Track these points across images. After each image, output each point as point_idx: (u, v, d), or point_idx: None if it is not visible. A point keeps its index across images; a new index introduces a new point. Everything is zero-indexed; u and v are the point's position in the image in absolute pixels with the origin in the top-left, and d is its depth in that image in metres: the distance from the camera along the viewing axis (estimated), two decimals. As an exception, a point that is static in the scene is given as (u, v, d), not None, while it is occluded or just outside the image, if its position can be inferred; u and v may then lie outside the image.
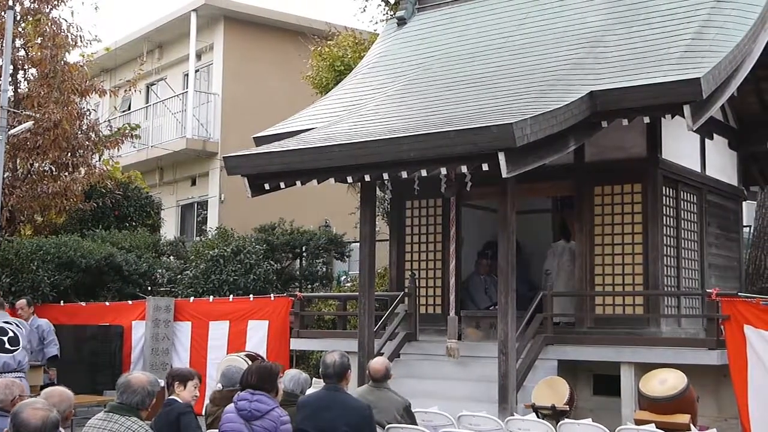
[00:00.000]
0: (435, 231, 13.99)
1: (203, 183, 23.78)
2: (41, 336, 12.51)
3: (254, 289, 15.96)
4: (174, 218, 24.40)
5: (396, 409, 7.79)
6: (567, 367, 11.63)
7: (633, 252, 12.22)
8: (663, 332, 11.95)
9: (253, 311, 14.08)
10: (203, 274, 16.50)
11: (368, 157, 10.45)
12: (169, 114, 24.40)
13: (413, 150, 10.03)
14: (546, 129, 9.81)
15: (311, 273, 18.98)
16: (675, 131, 12.31)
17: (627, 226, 12.31)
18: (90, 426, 5.63)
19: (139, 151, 24.09)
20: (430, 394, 11.11)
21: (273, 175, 11.38)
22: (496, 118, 9.87)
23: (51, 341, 12.52)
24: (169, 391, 7.15)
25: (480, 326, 13.00)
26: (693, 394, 8.77)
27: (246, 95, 23.32)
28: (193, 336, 14.31)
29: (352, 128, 11.69)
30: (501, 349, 10.45)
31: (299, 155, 11.05)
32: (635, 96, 10.55)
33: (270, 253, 17.94)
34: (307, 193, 18.55)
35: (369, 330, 11.69)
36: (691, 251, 13.06)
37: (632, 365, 11.03)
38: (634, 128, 11.80)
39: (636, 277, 12.18)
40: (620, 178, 12.39)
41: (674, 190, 12.71)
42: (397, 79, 13.89)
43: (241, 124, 21.62)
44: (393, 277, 14.32)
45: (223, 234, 18.67)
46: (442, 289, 13.57)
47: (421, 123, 10.81)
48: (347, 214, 18.78)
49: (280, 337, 13.77)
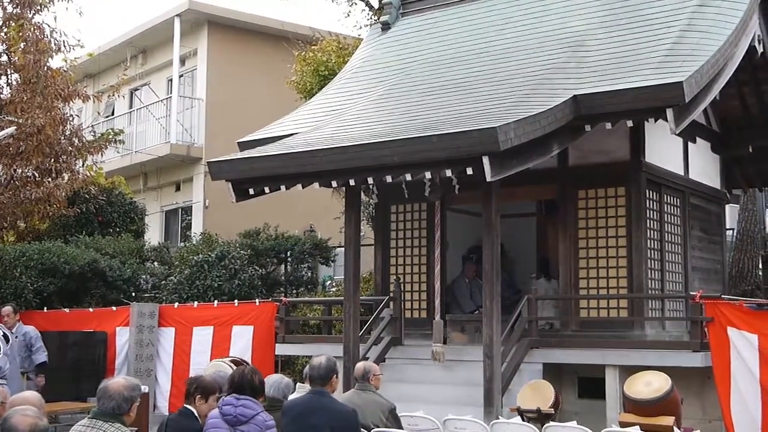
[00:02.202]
0: (420, 235, 14.00)
1: (187, 188, 23.72)
2: (28, 343, 12.46)
3: (239, 295, 15.92)
4: (158, 224, 24.33)
5: (381, 412, 7.79)
6: (552, 370, 11.65)
7: (617, 255, 12.25)
8: (647, 335, 11.99)
9: (237, 317, 14.05)
10: (187, 280, 16.45)
11: (352, 162, 10.45)
12: (153, 119, 24.33)
13: (397, 154, 10.03)
14: (530, 133, 9.84)
15: (296, 278, 18.95)
16: (658, 135, 12.36)
17: (611, 229, 12.34)
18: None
19: (123, 157, 24.01)
20: (416, 399, 11.09)
21: (257, 180, 11.36)
22: (479, 122, 9.88)
23: (39, 348, 12.46)
24: (188, 399, 6.77)
25: (465, 330, 13.01)
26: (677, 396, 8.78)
27: (230, 100, 23.28)
28: (177, 342, 14.26)
29: (336, 133, 11.69)
30: (486, 352, 10.46)
31: (283, 160, 11.03)
32: (618, 100, 10.58)
33: (255, 258, 17.91)
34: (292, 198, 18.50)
35: (354, 335, 11.67)
36: (675, 254, 13.11)
37: (617, 368, 11.06)
38: (618, 132, 11.83)
39: (620, 280, 12.21)
40: (604, 181, 12.42)
41: (657, 194, 12.75)
42: (381, 84, 13.89)
43: (225, 129, 21.57)
44: (378, 281, 14.32)
45: (208, 239, 18.63)
46: (428, 294, 13.57)
47: (405, 127, 10.80)
48: (332, 219, 18.77)
49: (265, 342, 13.74)
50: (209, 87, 23.61)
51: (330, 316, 14.94)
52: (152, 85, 25.42)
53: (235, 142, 14.22)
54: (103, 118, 24.85)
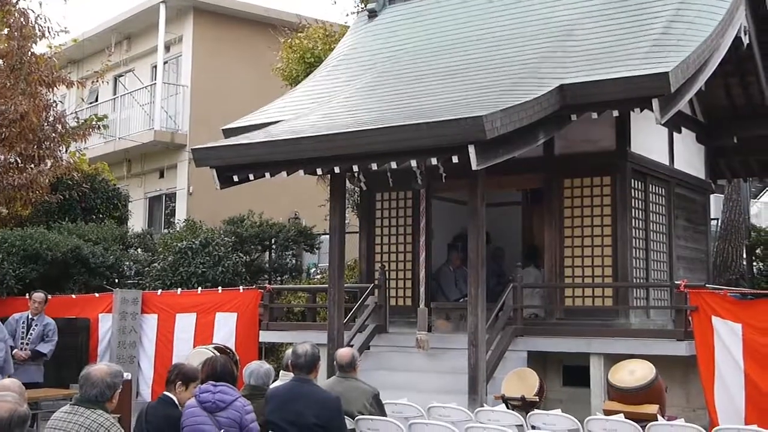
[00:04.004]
0: (405, 223, 13.99)
1: (171, 175, 23.60)
2: (45, 334, 12.44)
3: (223, 282, 15.86)
4: (142, 210, 24.21)
5: (365, 399, 7.74)
6: (537, 358, 11.67)
7: (602, 244, 12.28)
8: (632, 323, 12.02)
9: (221, 303, 13.98)
10: (171, 267, 16.37)
11: (338, 150, 10.41)
12: (137, 106, 24.18)
13: (383, 142, 10.00)
14: (516, 122, 9.82)
15: (280, 265, 18.90)
16: (644, 125, 12.37)
17: (596, 218, 12.36)
18: (55, 419, 5.55)
19: (107, 143, 23.86)
20: (401, 386, 11.09)
21: (242, 167, 11.32)
22: (466, 110, 9.86)
23: (50, 341, 12.46)
24: (169, 386, 6.73)
25: (450, 318, 13.01)
26: (661, 384, 8.80)
27: (215, 87, 23.16)
28: (160, 329, 14.18)
29: (321, 120, 11.64)
30: (471, 340, 10.46)
31: (268, 147, 10.99)
32: (605, 90, 10.59)
33: (239, 245, 17.84)
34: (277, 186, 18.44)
35: (338, 322, 11.66)
36: (660, 243, 13.14)
37: (602, 356, 11.09)
38: (604, 122, 11.83)
39: (605, 269, 12.25)
40: (589, 171, 12.44)
41: (643, 183, 12.77)
42: (368, 72, 13.84)
43: (209, 116, 21.45)
44: (363, 269, 14.31)
45: (192, 226, 18.54)
46: (413, 281, 13.57)
47: (391, 115, 10.77)
48: (317, 206, 18.71)
49: (248, 329, 13.69)
50: (194, 73, 23.46)
51: (314, 303, 14.92)
52: (136, 72, 25.25)
53: (220, 129, 14.15)
54: (86, 105, 24.67)
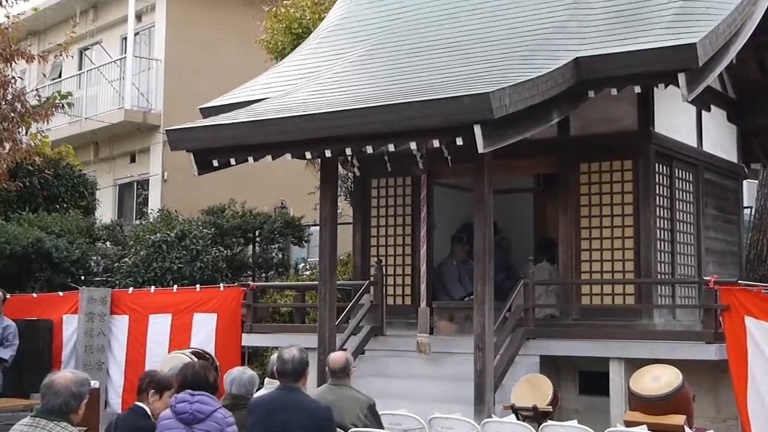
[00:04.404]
0: (404, 213, 13.99)
1: (144, 160, 23.62)
2: (4, 337, 12.48)
3: (201, 279, 15.89)
4: (111, 199, 24.23)
5: (360, 409, 7.75)
6: (550, 363, 11.70)
7: (623, 236, 12.29)
8: (656, 324, 12.05)
9: (199, 303, 14.00)
10: (143, 262, 16.40)
11: (329, 130, 10.41)
12: (105, 82, 24.17)
13: (379, 122, 10.00)
14: (527, 99, 9.83)
15: (265, 260, 18.92)
16: (669, 103, 12.38)
17: (616, 207, 12.37)
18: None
19: (72, 124, 23.86)
20: (399, 395, 11.12)
21: (222, 150, 11.31)
22: (471, 87, 9.86)
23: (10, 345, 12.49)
24: (141, 395, 6.78)
25: (454, 319, 13.04)
26: (689, 392, 8.83)
27: (192, 61, 23.13)
28: (131, 331, 14.20)
29: (310, 98, 11.64)
30: (477, 344, 10.48)
31: (251, 128, 10.99)
32: (625, 63, 10.58)
33: (219, 237, 17.87)
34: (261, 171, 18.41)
35: (330, 323, 11.67)
36: (687, 235, 13.16)
37: (622, 361, 11.11)
38: (624, 99, 11.83)
39: (626, 263, 12.25)
40: (609, 154, 12.44)
41: (668, 168, 12.78)
42: (361, 44, 13.83)
43: (186, 94, 21.44)
44: (357, 264, 14.32)
45: (166, 217, 18.56)
46: (412, 278, 13.59)
47: (387, 92, 10.77)
48: (306, 194, 18.71)
49: (230, 332, 13.72)
50: (168, 46, 23.44)
51: (303, 302, 14.94)
52: (104, 44, 25.23)
53: (198, 108, 14.15)
54: (49, 81, 24.61)
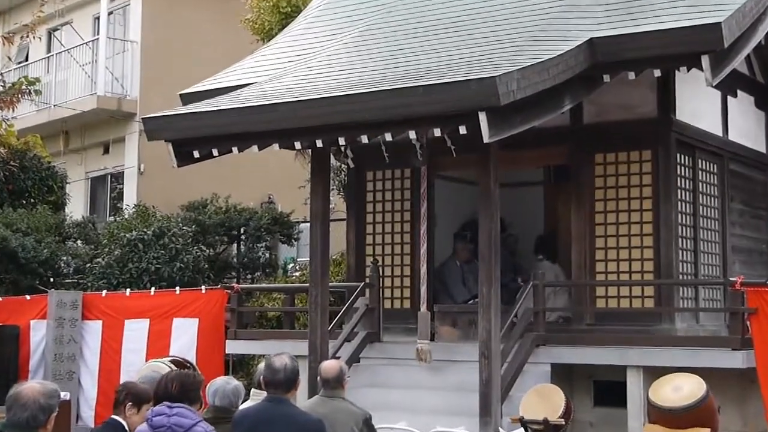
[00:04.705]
0: (402, 208, 13.99)
1: (118, 150, 23.56)
2: None
3: (181, 280, 15.89)
4: (82, 194, 24.18)
5: (354, 423, 7.73)
6: (562, 372, 11.70)
7: (641, 233, 12.29)
8: (677, 329, 12.05)
9: (179, 307, 14.02)
10: (118, 263, 16.39)
11: (320, 118, 10.40)
12: (75, 66, 24.11)
13: (375, 109, 9.99)
14: (536, 84, 9.81)
15: (251, 260, 18.92)
16: (692, 87, 12.36)
17: (634, 201, 12.37)
18: (-23, 450, 5.55)
19: (40, 112, 23.81)
20: (397, 407, 11.12)
21: (204, 140, 11.30)
22: (475, 70, 9.85)
23: None
24: (117, 409, 6.71)
25: (457, 324, 13.03)
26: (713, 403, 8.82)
27: (171, 43, 23.08)
28: (104, 338, 14.22)
29: (300, 83, 11.63)
30: (482, 351, 10.47)
31: (236, 116, 10.98)
32: (643, 44, 10.59)
33: (200, 235, 17.87)
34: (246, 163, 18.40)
35: (322, 329, 11.66)
36: (711, 232, 13.16)
37: (640, 369, 11.11)
38: (643, 84, 11.83)
39: (645, 263, 12.25)
40: (626, 143, 12.44)
41: (690, 158, 12.78)
42: (356, 24, 13.82)
43: (164, 79, 21.41)
44: (351, 264, 14.33)
45: (143, 213, 18.54)
46: (411, 279, 13.59)
47: (384, 77, 10.76)
48: (295, 188, 18.70)
49: (212, 338, 13.73)
50: (145, 27, 23.38)
51: (293, 306, 14.93)
52: (75, 25, 25.15)
53: (177, 95, 14.15)
54: (14, 65, 24.58)
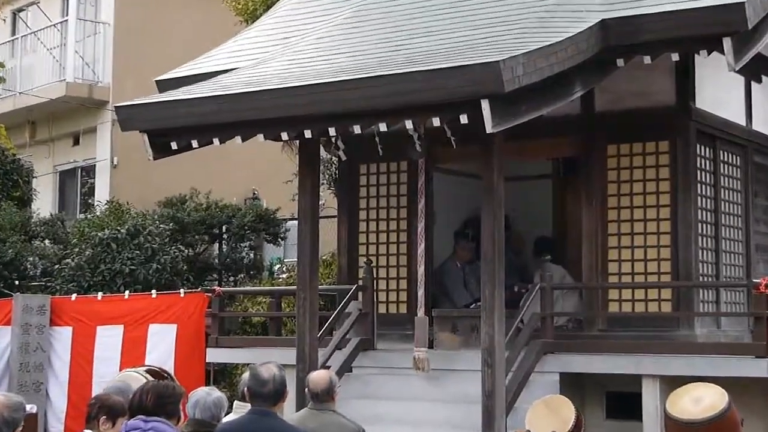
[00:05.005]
0: (398, 204, 13.98)
1: (89, 142, 23.56)
2: None
3: (158, 283, 15.87)
4: (50, 189, 24.17)
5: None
6: (572, 382, 11.72)
7: (658, 231, 12.29)
8: (697, 335, 12.06)
9: (155, 312, 14.03)
10: (89, 264, 16.38)
11: (309, 107, 10.39)
12: (43, 50, 24.09)
13: (368, 97, 9.99)
14: (544, 69, 9.81)
15: (234, 261, 18.91)
16: (713, 73, 12.36)
17: (650, 196, 12.37)
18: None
19: (3, 100, 23.81)
20: (393, 420, 11.15)
21: (182, 130, 11.29)
22: (477, 54, 9.84)
23: None
24: (90, 423, 6.73)
25: (458, 330, 13.03)
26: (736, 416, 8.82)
27: (146, 25, 23.07)
28: (75, 346, 14.21)
29: (287, 68, 11.63)
30: (485, 359, 10.47)
31: (217, 104, 10.97)
32: (660, 26, 10.57)
33: (179, 234, 17.86)
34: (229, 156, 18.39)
35: (311, 336, 11.67)
36: (734, 230, 13.16)
37: (657, 379, 11.13)
38: (659, 69, 11.83)
39: (661, 263, 12.26)
40: (641, 133, 12.45)
41: (711, 150, 12.78)
42: (347, 3, 13.82)
43: (139, 64, 21.41)
44: (343, 265, 14.32)
45: (116, 210, 18.53)
46: (408, 282, 13.58)
47: (378, 61, 10.76)
48: (282, 183, 18.71)
49: (192, 346, 13.73)
50: (118, 7, 23.35)
51: (279, 311, 14.92)
52: (42, 5, 25.13)
53: (153, 81, 14.14)
54: (-24, 49, 24.64)
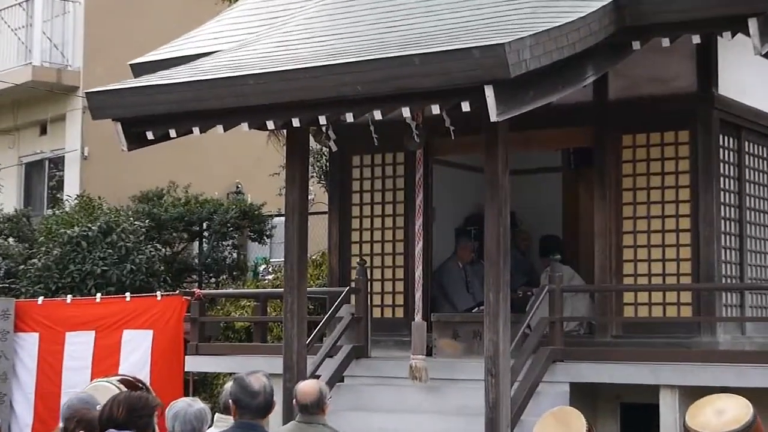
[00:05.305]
0: (394, 199, 13.98)
1: (58, 131, 23.57)
2: None
3: (132, 285, 15.88)
4: (15, 182, 24.17)
5: (338, 453, 7.78)
6: (584, 392, 11.72)
7: (677, 229, 12.30)
8: (720, 342, 12.06)
9: (130, 317, 14.02)
10: (57, 264, 16.37)
11: (297, 93, 10.38)
12: (7, 31, 24.09)
13: (362, 82, 9.97)
14: (553, 53, 9.81)
15: (216, 261, 18.91)
16: (737, 57, 12.37)
17: (669, 191, 12.37)
18: None
19: (-36, 85, 23.83)
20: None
21: (159, 118, 11.29)
22: (481, 36, 9.84)
23: None
24: None
25: (459, 336, 13.03)
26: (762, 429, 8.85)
27: (120, 4, 23.09)
28: (42, 354, 14.21)
29: (274, 51, 11.63)
30: (489, 368, 10.47)
31: (197, 90, 10.96)
32: (680, 5, 10.57)
33: (155, 232, 17.85)
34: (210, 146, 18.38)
35: (299, 343, 11.66)
36: (760, 227, 13.17)
37: (676, 389, 11.13)
38: (679, 52, 11.84)
39: (681, 264, 12.27)
40: (659, 123, 12.45)
41: (736, 140, 12.78)
42: (339, -20, 13.82)
43: (112, 46, 21.42)
44: (334, 265, 14.32)
45: (87, 205, 18.52)
46: (405, 284, 13.59)
47: (372, 44, 10.75)
48: (268, 176, 18.72)
49: (169, 354, 13.73)
50: (89, -16, 23.41)
51: (264, 315, 14.91)
52: (6, -19, 25.18)
53: (127, 65, 14.13)
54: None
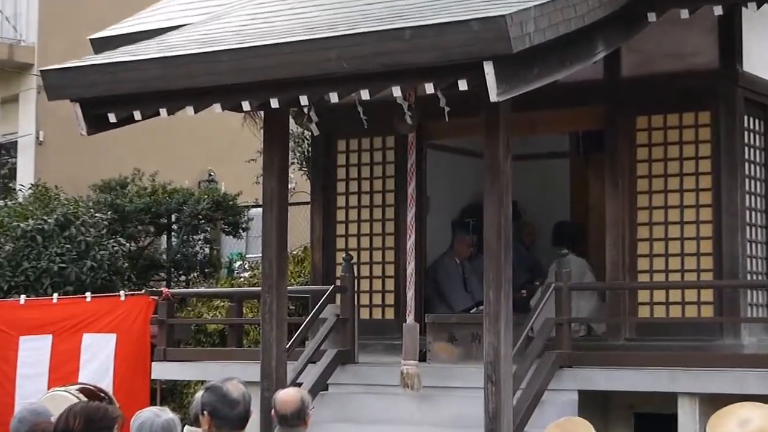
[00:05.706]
0: (384, 188, 14.00)
1: (10, 113, 23.57)
2: None
3: (93, 284, 15.88)
4: (-38, 170, 24.21)
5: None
6: (594, 401, 11.77)
7: (697, 220, 12.34)
8: (744, 345, 12.12)
9: (91, 319, 14.00)
10: (10, 261, 16.39)
11: (275, 70, 10.40)
12: (-48, 2, 24.11)
13: (348, 58, 10.00)
14: (559, 25, 9.84)
15: (186, 257, 18.91)
16: (762, 30, 12.41)
17: (688, 178, 12.41)
18: None
19: None
20: (377, 448, 11.19)
21: (122, 99, 11.29)
22: (479, 8, 9.88)
23: None
24: None
25: (456, 339, 13.06)
26: (789, 441, 8.93)
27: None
28: (-7, 360, 14.27)
29: (249, 24, 11.64)
30: (489, 374, 10.52)
31: (164, 67, 10.98)
32: (700, -28, 10.66)
33: (119, 225, 17.84)
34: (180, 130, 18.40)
35: (278, 347, 11.69)
36: (789, 218, 13.23)
37: (696, 397, 11.19)
38: (699, 25, 11.87)
39: (702, 259, 12.31)
40: (677, 103, 12.49)
41: (762, 122, 12.82)
42: (322, -55, 13.85)
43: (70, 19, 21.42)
44: (317, 262, 14.34)
45: (43, 195, 18.53)
46: (396, 281, 13.63)
47: (359, 15, 10.78)
48: (243, 162, 18.74)
49: (134, 360, 13.73)
50: (44, -51, 23.40)
51: (240, 317, 14.92)
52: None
53: (87, 39, 14.14)
54: None
